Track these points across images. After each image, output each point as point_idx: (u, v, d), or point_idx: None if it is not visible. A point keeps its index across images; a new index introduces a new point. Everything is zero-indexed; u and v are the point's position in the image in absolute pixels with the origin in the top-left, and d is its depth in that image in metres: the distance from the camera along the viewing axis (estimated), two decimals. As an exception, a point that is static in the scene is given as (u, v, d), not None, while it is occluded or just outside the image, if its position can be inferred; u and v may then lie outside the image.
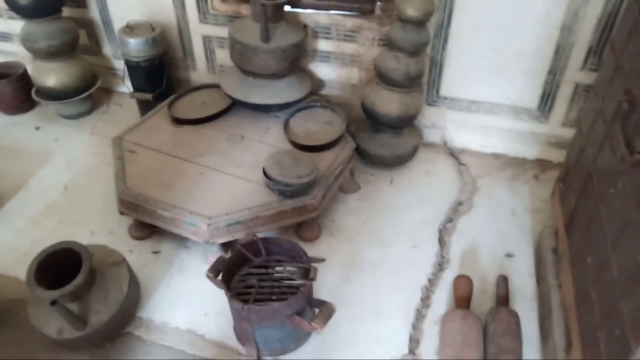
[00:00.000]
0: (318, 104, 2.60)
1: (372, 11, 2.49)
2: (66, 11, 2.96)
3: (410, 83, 2.33)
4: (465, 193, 2.50)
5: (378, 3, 2.46)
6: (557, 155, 2.59)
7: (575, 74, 2.32)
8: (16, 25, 3.04)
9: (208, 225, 1.94)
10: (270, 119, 2.54)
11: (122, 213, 2.17)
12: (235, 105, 2.57)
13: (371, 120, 2.54)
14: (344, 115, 2.49)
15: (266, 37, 2.27)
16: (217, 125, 2.50)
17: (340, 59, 2.66)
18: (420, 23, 2.18)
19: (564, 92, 2.38)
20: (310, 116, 2.56)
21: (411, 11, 2.12)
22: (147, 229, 2.22)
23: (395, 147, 2.56)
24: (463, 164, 2.68)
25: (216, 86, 2.69)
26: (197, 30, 2.83)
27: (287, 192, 2.03)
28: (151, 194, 2.09)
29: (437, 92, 2.62)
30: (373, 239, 2.26)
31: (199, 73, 3.04)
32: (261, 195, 2.08)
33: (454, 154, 2.75)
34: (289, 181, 1.99)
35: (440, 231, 2.29)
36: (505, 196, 2.47)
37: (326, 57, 2.68)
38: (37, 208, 2.47)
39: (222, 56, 2.89)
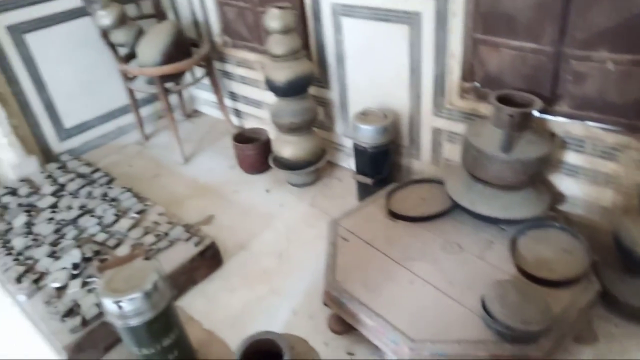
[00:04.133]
0: (556, 225, 2.23)
1: (646, 129, 2.05)
2: (311, 90, 3.24)
3: (694, 228, 1.82)
4: None
5: (656, 121, 2.02)
6: None
7: None
8: (267, 96, 3.45)
9: (410, 349, 1.77)
10: (495, 231, 2.27)
11: (325, 304, 2.15)
12: (456, 208, 2.38)
13: (627, 263, 2.06)
14: (589, 246, 2.06)
15: (508, 148, 2.04)
16: (433, 227, 2.34)
17: (591, 176, 2.25)
18: None
19: None
20: (545, 238, 2.20)
21: None
22: (347, 325, 2.14)
23: (656, 298, 2.01)
24: None
25: (437, 182, 2.57)
26: (429, 122, 2.76)
27: (507, 335, 1.72)
28: (357, 294, 2.02)
29: None
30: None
31: (422, 163, 2.95)
32: (473, 327, 1.82)
33: None
34: (512, 325, 1.69)
35: None
36: None
37: (573, 171, 2.30)
38: (253, 270, 2.66)
39: (450, 150, 2.75)
